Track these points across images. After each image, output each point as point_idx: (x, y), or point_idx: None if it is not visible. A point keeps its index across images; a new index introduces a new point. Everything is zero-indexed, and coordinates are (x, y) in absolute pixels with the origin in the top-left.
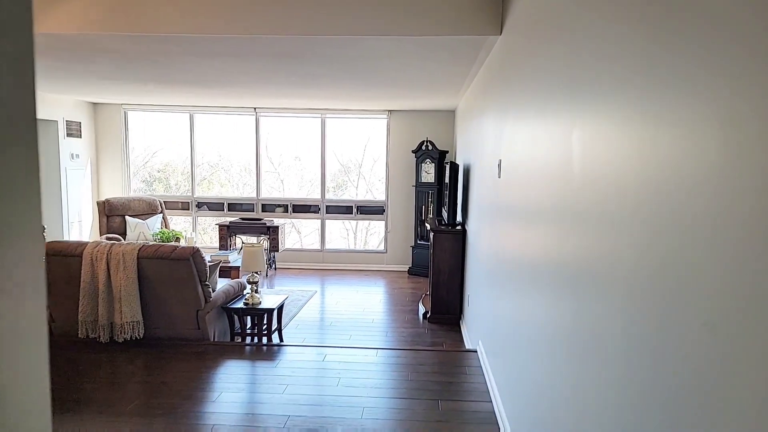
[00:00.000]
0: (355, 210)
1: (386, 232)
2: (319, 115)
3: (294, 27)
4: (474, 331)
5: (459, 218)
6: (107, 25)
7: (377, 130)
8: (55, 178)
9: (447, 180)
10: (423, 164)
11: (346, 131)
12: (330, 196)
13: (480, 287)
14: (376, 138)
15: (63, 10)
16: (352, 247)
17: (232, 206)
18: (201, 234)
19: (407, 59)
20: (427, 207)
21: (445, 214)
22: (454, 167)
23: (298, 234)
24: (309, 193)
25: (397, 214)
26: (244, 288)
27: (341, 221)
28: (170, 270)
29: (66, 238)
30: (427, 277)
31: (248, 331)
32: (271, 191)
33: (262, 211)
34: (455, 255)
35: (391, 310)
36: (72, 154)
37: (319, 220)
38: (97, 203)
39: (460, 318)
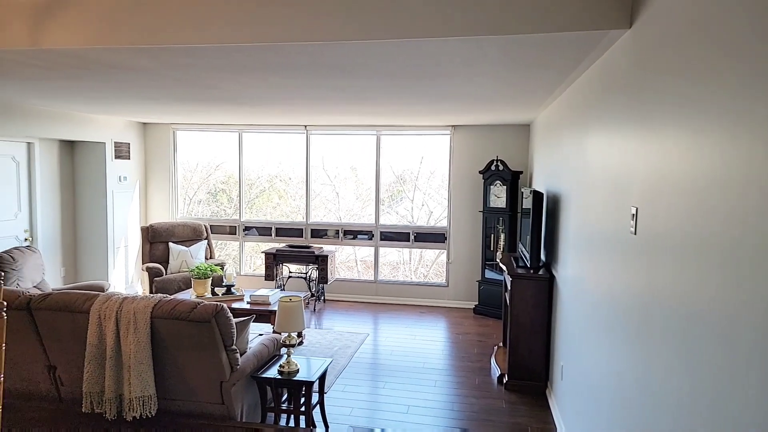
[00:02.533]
0: (412, 237)
1: (448, 263)
2: (375, 132)
3: (337, 32)
4: (573, 414)
5: (543, 258)
6: (121, 38)
7: (438, 147)
8: (101, 201)
9: (524, 207)
10: (492, 186)
11: (404, 146)
12: (384, 207)
13: (583, 356)
14: (435, 153)
15: (70, 24)
16: (408, 278)
17: (281, 231)
18: (247, 260)
19: (485, 66)
20: (497, 236)
21: (523, 252)
22: (538, 197)
23: (354, 252)
24: (365, 204)
25: (460, 242)
26: (281, 346)
27: (397, 249)
28: (189, 333)
29: (110, 266)
30: (497, 318)
31: (283, 406)
32: (326, 203)
33: (312, 236)
34: (539, 307)
35: (456, 367)
36: (120, 177)
37: (373, 248)
38: (141, 229)
39: (546, 387)
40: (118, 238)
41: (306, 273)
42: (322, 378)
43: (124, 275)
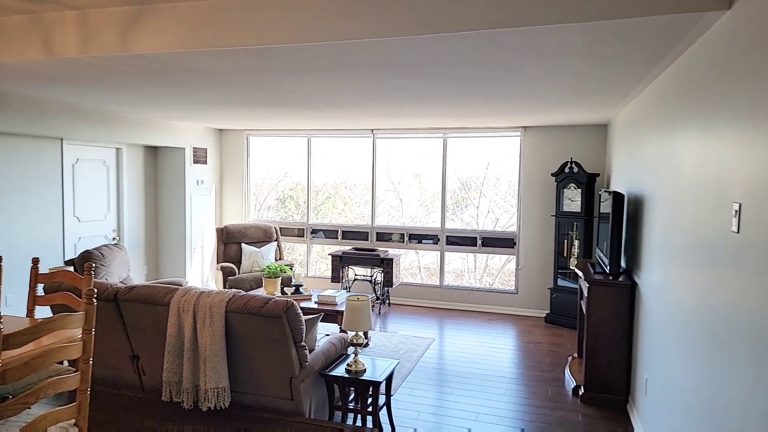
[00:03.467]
0: (479, 241)
1: (517, 269)
2: (441, 135)
3: (405, 27)
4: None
5: (623, 264)
6: (202, 41)
7: (506, 150)
8: (180, 204)
9: (602, 211)
10: (565, 189)
11: (469, 152)
12: (448, 215)
13: (673, 370)
14: (503, 158)
15: (156, 30)
16: (474, 284)
17: (347, 234)
18: (315, 263)
19: (563, 60)
20: (570, 242)
21: (601, 257)
22: (618, 199)
23: (417, 259)
24: (429, 210)
25: (530, 248)
26: (349, 345)
27: (461, 256)
28: (260, 328)
29: (188, 265)
30: (570, 328)
31: (351, 405)
32: (389, 209)
33: (377, 239)
34: (619, 315)
35: (527, 377)
36: (198, 180)
37: (438, 252)
38: (216, 230)
39: (626, 401)
40: (195, 239)
41: (371, 276)
42: (389, 379)
43: (200, 274)
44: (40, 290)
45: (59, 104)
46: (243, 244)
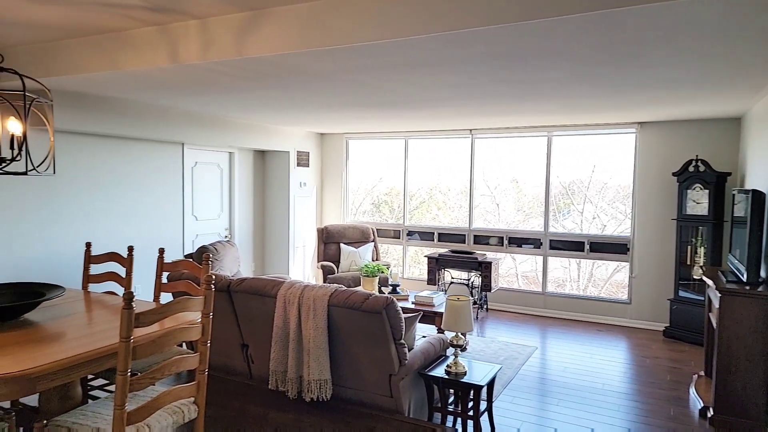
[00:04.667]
0: (587, 246)
1: (631, 277)
2: (545, 134)
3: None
4: None
5: (762, 273)
6: (300, 43)
7: (617, 150)
8: (284, 204)
9: (735, 214)
10: (689, 191)
11: (575, 151)
12: (550, 218)
13: None
14: (612, 159)
15: (269, 33)
16: (580, 291)
17: (443, 236)
18: (410, 265)
19: (693, 41)
20: (694, 248)
21: (735, 265)
22: (758, 198)
23: (515, 266)
24: (527, 216)
25: (646, 254)
26: (447, 347)
27: (563, 265)
28: (361, 323)
29: (291, 263)
30: (694, 344)
31: (450, 408)
32: (485, 214)
33: (474, 243)
34: (758, 330)
35: (645, 393)
36: (300, 183)
37: (541, 257)
38: (317, 230)
39: (766, 429)
40: (298, 238)
41: (468, 279)
42: (490, 384)
43: (302, 272)
44: (164, 279)
45: (181, 111)
46: (342, 244)
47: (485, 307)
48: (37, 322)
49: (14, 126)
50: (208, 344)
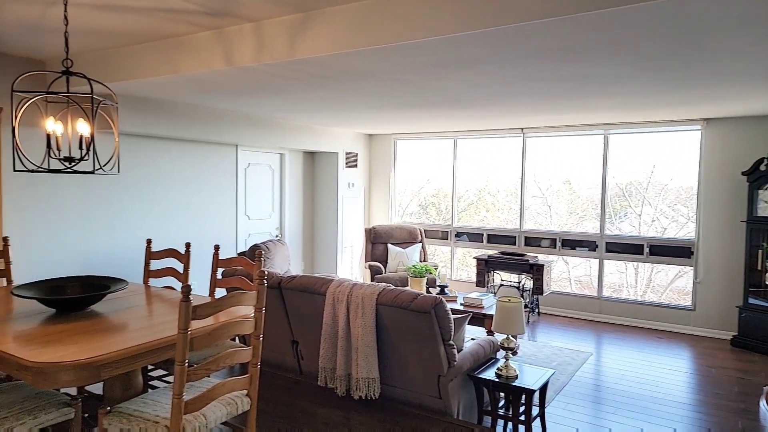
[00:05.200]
0: (646, 250)
1: (695, 282)
2: (602, 132)
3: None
4: None
5: None
6: (351, 42)
7: (679, 148)
8: (333, 205)
9: None
10: (761, 191)
11: (633, 151)
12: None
13: None
14: (674, 158)
15: (320, 34)
16: (638, 297)
17: (492, 238)
18: (458, 267)
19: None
20: (766, 253)
21: None
22: None
23: (568, 270)
24: (580, 219)
25: (712, 258)
26: (498, 349)
27: (621, 268)
28: (409, 322)
29: (338, 263)
30: (766, 354)
31: (501, 412)
32: (536, 216)
33: (525, 244)
34: None
35: (711, 405)
36: (349, 183)
37: (597, 260)
38: (365, 230)
39: None
40: (346, 238)
41: (519, 282)
42: (543, 389)
43: (350, 271)
44: (219, 275)
45: (235, 114)
46: (389, 245)
47: (537, 310)
48: (102, 313)
49: (83, 127)
50: (261, 338)
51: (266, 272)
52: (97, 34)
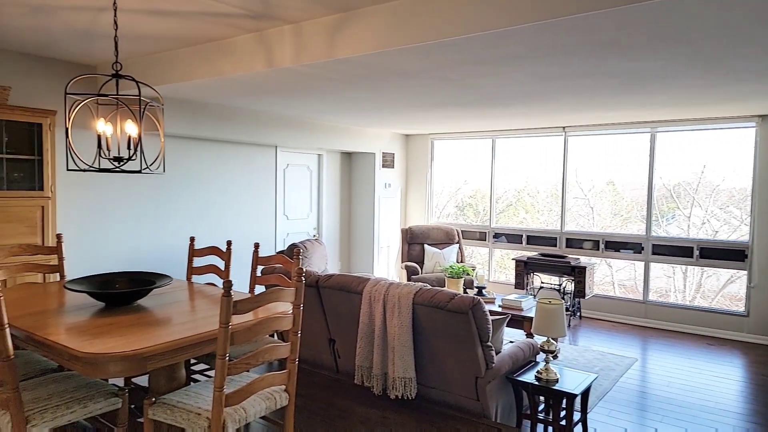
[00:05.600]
0: (696, 252)
1: (749, 287)
2: (648, 130)
3: None
4: None
5: None
6: (390, 41)
7: (732, 146)
8: (369, 205)
9: None
10: None
11: (681, 149)
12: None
13: None
14: (727, 154)
15: (358, 34)
16: (685, 301)
17: (532, 239)
18: (496, 269)
19: None
20: None
21: None
22: None
23: (611, 274)
24: (624, 221)
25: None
26: (537, 352)
27: (669, 272)
28: (446, 322)
29: (375, 263)
30: None
31: (540, 416)
32: (577, 218)
33: (567, 246)
34: None
35: (763, 414)
36: (385, 184)
37: (642, 263)
38: (401, 231)
39: None
40: (382, 238)
41: (560, 285)
42: (585, 393)
43: (386, 272)
44: (258, 272)
45: (274, 115)
46: (426, 245)
47: (578, 314)
48: (148, 307)
49: (131, 128)
50: (299, 335)
51: (304, 270)
52: (144, 39)
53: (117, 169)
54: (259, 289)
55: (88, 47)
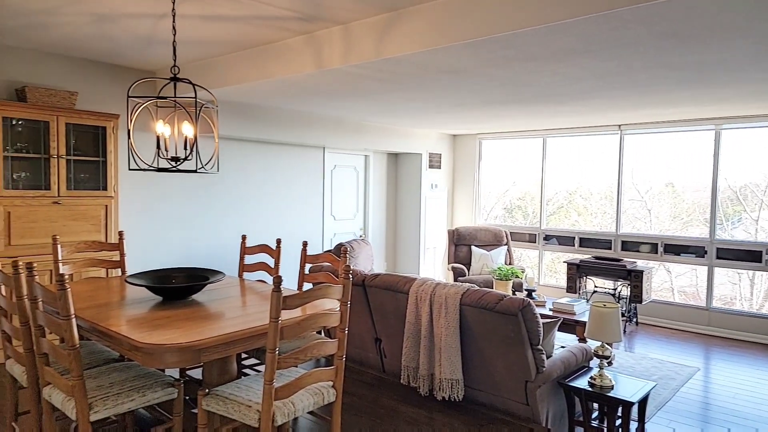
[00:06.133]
0: (765, 257)
1: None
2: (713, 127)
3: None
4: None
5: None
6: (439, 39)
7: None
8: (416, 206)
9: None
10: None
11: (748, 148)
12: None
13: None
14: None
15: (407, 33)
16: (753, 309)
17: (585, 242)
18: (547, 272)
19: None
20: None
21: None
22: None
23: (670, 280)
24: (685, 224)
25: None
26: (591, 358)
27: (736, 273)
28: (495, 324)
29: (421, 264)
30: None
31: (594, 424)
32: (633, 221)
33: (622, 249)
34: None
35: None
36: (432, 184)
37: (705, 267)
38: (448, 232)
39: None
40: (429, 239)
41: (615, 289)
42: (642, 402)
43: (432, 273)
44: (306, 270)
45: (322, 117)
46: (473, 247)
47: (635, 320)
48: (202, 302)
49: (187, 129)
50: (345, 332)
51: (350, 267)
52: (200, 44)
53: (174, 169)
54: (307, 287)
55: (147, 53)
